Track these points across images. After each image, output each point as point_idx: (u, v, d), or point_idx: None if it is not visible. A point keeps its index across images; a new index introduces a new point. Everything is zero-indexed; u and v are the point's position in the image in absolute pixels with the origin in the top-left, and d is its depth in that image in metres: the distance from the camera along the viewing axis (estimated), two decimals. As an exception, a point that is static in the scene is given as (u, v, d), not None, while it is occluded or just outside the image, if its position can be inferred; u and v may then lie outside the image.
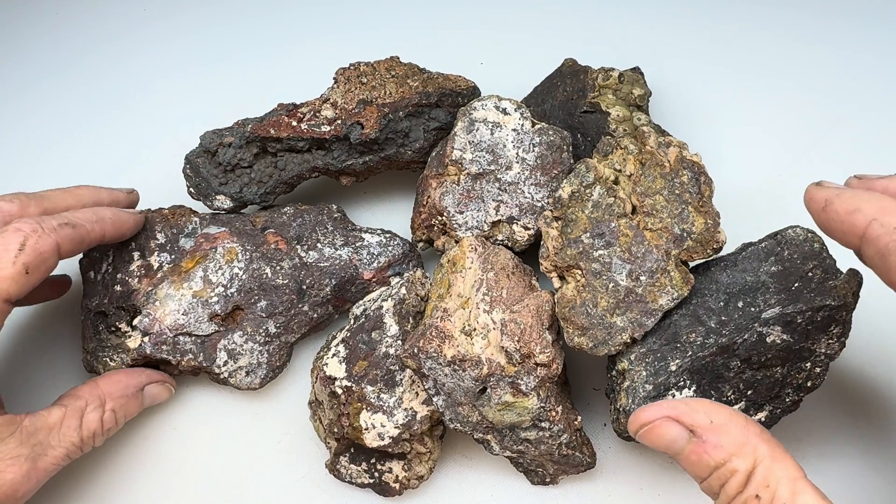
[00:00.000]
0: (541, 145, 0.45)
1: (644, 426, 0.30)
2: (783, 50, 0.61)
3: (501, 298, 0.40)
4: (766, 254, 0.38)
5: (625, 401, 0.37)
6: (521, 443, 0.39)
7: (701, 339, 0.37)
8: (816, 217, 0.32)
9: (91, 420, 0.39)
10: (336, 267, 0.45)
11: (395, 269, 0.46)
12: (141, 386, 0.43)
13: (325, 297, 0.45)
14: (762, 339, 0.35)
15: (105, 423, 0.40)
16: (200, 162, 0.49)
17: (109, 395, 0.41)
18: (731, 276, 0.38)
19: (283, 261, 0.45)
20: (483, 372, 0.37)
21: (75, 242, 0.40)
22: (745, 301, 0.37)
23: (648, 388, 0.36)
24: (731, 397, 0.36)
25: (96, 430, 0.40)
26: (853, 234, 0.30)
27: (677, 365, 0.36)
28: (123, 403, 0.41)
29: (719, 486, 0.29)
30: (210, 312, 0.44)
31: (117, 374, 0.43)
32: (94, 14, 0.69)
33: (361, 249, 0.46)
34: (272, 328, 0.44)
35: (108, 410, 0.40)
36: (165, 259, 0.45)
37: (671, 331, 0.38)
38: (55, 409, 0.39)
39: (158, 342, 0.43)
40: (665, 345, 0.37)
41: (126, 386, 0.42)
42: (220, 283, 0.44)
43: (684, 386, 0.36)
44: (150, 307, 0.44)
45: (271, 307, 0.44)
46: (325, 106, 0.49)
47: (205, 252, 0.45)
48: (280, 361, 0.45)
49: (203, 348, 0.44)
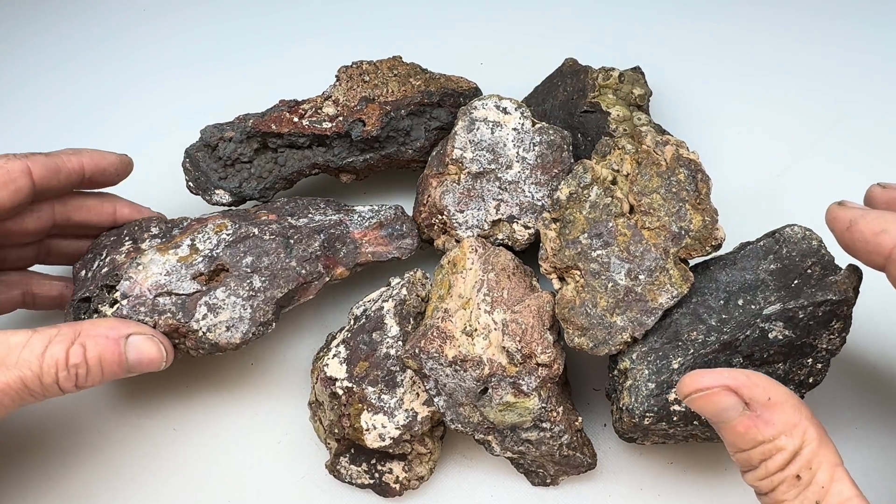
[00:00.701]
0: (541, 144, 0.45)
1: (699, 392, 0.30)
2: (783, 50, 0.61)
3: (502, 299, 0.40)
4: (765, 252, 0.38)
5: (628, 400, 0.37)
6: (522, 443, 0.39)
7: (702, 336, 0.37)
8: (840, 237, 0.33)
9: (56, 349, 0.35)
10: (325, 225, 0.44)
11: (387, 230, 0.45)
12: (126, 332, 0.38)
13: (314, 253, 0.43)
14: (764, 335, 0.35)
15: (71, 356, 0.36)
16: (200, 156, 0.48)
17: (86, 331, 0.37)
18: (730, 274, 0.38)
19: (272, 225, 0.44)
20: (484, 372, 0.37)
21: (49, 169, 0.39)
22: (746, 299, 0.37)
23: (651, 386, 0.36)
24: None
25: (59, 359, 0.35)
26: (879, 254, 0.31)
27: (679, 363, 0.36)
28: (99, 343, 0.37)
29: (760, 461, 0.29)
30: (194, 272, 0.41)
31: (108, 318, 0.39)
32: (96, 9, 0.69)
33: (352, 213, 0.46)
34: (257, 282, 0.42)
35: (78, 344, 0.36)
36: (157, 242, 0.44)
37: (672, 329, 0.38)
38: (23, 331, 0.36)
39: (136, 304, 0.40)
40: (666, 343, 0.37)
41: (109, 328, 0.38)
42: (207, 248, 0.42)
43: None
44: (132, 271, 0.41)
45: (256, 262, 0.42)
46: (327, 103, 0.49)
47: (194, 228, 0.44)
48: (265, 318, 0.41)
49: (183, 307, 0.41)
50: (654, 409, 0.36)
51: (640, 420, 0.36)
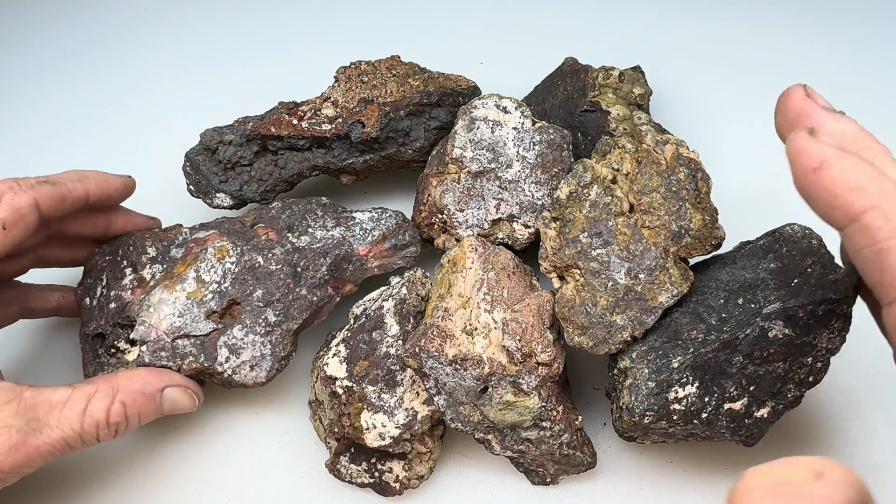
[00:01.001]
0: (541, 143, 0.45)
1: None
2: (783, 49, 0.61)
3: (502, 298, 0.40)
4: (765, 251, 0.38)
5: (627, 398, 0.37)
6: (522, 442, 0.39)
7: (702, 335, 0.37)
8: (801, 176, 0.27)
9: (97, 408, 0.36)
10: (329, 246, 0.44)
11: (391, 242, 0.45)
12: (161, 386, 0.40)
13: (322, 278, 0.43)
14: (764, 334, 0.35)
15: (112, 415, 0.37)
16: (200, 159, 0.48)
17: (123, 388, 0.38)
18: (730, 273, 0.38)
19: (275, 248, 0.44)
20: (484, 371, 0.37)
21: (56, 200, 0.38)
22: (746, 298, 0.37)
23: (651, 385, 0.36)
24: (734, 393, 0.36)
25: (100, 419, 0.36)
26: (844, 213, 0.25)
27: (679, 362, 0.36)
28: (137, 399, 0.38)
29: None
30: (206, 310, 0.42)
31: (140, 370, 0.40)
32: (95, 11, 0.69)
33: (353, 227, 0.45)
34: (272, 317, 0.43)
35: (118, 402, 0.37)
36: (158, 269, 0.44)
37: (672, 328, 0.38)
38: (62, 389, 0.36)
39: (156, 349, 0.42)
40: (667, 342, 0.37)
41: (144, 382, 0.39)
42: (214, 280, 0.43)
43: (687, 382, 0.36)
44: (145, 314, 0.42)
45: (268, 295, 0.43)
46: (326, 104, 0.49)
47: (195, 254, 0.44)
48: (285, 351, 0.43)
49: (203, 349, 0.42)
50: (655, 407, 0.36)
51: (640, 419, 0.36)
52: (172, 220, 0.48)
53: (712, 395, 0.36)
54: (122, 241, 0.45)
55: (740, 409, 0.36)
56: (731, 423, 0.36)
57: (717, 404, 0.36)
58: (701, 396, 0.36)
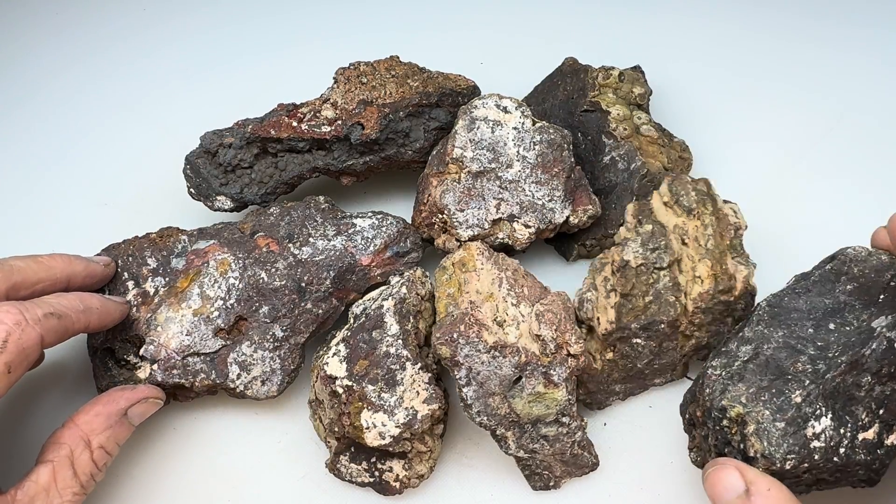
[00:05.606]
0: (541, 143, 0.45)
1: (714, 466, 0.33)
2: (783, 50, 0.61)
3: (524, 295, 0.41)
4: (836, 275, 0.37)
5: (760, 445, 0.33)
6: (538, 440, 0.39)
7: (810, 366, 0.35)
8: None
9: (83, 464, 0.37)
10: (332, 258, 0.44)
11: (393, 249, 0.45)
12: (122, 411, 0.40)
13: (326, 291, 0.44)
14: (891, 346, 0.34)
15: (98, 461, 0.38)
16: (201, 162, 0.49)
17: (92, 432, 0.38)
18: (808, 302, 0.37)
19: (277, 262, 0.44)
20: (522, 359, 0.38)
21: (59, 334, 0.38)
22: (836, 322, 0.36)
23: (781, 425, 0.33)
24: (866, 420, 0.34)
25: (92, 471, 0.38)
26: None
27: (802, 395, 0.34)
28: (110, 435, 0.39)
29: None
30: (214, 328, 0.43)
31: (95, 405, 0.40)
32: (95, 15, 0.69)
33: (355, 235, 0.45)
34: (279, 332, 0.43)
35: (97, 448, 0.38)
36: (160, 283, 0.44)
37: (773, 365, 0.36)
38: (42, 469, 0.36)
39: (168, 367, 0.43)
40: (774, 379, 0.35)
41: (107, 416, 0.39)
42: (219, 296, 0.44)
43: (821, 414, 0.34)
44: (153, 334, 0.43)
45: (274, 311, 0.44)
46: (326, 106, 0.49)
47: (197, 268, 0.44)
48: (294, 365, 0.44)
49: (214, 365, 0.43)
50: (795, 448, 0.33)
51: (781, 465, 0.33)
52: (173, 224, 0.47)
53: (846, 425, 0.34)
54: (119, 251, 0.46)
55: (873, 438, 0.34)
56: (867, 457, 0.34)
57: (851, 436, 0.33)
58: (836, 429, 0.33)
